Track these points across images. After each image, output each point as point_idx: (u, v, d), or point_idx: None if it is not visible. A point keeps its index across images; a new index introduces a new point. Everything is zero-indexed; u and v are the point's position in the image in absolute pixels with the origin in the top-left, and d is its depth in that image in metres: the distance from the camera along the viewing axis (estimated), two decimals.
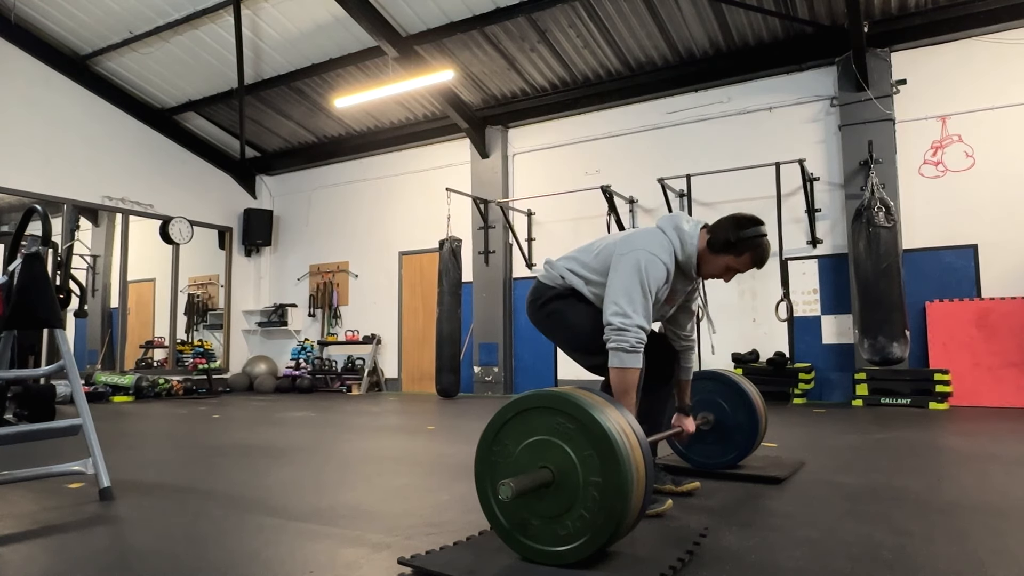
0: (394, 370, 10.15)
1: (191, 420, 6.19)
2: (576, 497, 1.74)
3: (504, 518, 1.84)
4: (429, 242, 9.58)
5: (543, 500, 1.78)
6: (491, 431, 1.90)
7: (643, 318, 2.28)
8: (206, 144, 11.03)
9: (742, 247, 2.37)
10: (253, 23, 8.54)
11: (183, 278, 10.94)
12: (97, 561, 1.96)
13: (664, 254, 2.36)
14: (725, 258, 2.39)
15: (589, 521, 1.72)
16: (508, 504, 1.82)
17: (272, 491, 2.90)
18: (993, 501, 2.49)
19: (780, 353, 7.04)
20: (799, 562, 1.82)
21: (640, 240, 2.39)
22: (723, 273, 2.44)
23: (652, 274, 2.31)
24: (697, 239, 2.41)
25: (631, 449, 1.74)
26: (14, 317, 2.71)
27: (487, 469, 1.89)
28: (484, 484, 1.89)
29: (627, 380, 2.27)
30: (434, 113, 9.58)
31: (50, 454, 3.70)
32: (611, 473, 1.70)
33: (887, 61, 6.98)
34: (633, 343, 2.25)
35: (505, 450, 1.87)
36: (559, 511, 1.76)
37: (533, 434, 1.83)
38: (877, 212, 6.34)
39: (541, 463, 1.79)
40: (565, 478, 1.76)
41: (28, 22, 8.81)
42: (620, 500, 1.69)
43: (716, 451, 3.05)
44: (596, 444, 1.72)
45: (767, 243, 2.41)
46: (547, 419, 1.81)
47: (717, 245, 2.39)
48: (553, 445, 1.79)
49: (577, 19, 7.51)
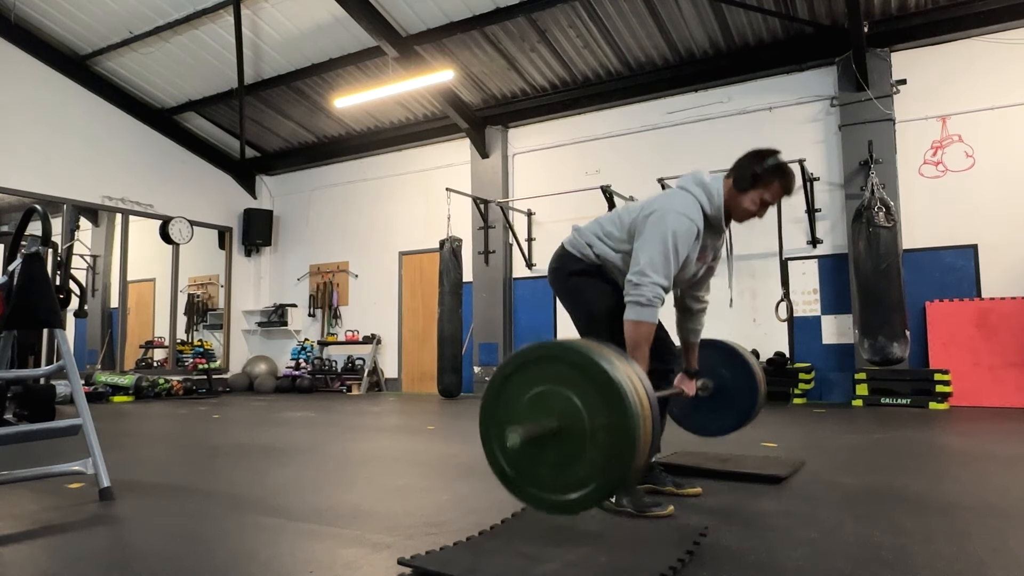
0: (394, 370, 10.15)
1: (191, 420, 6.19)
2: (584, 444, 1.73)
3: (513, 471, 1.84)
4: (429, 242, 9.58)
5: (551, 450, 1.78)
6: (494, 386, 1.89)
7: (662, 276, 2.29)
8: (206, 144, 11.03)
9: (769, 176, 2.37)
10: (253, 23, 8.54)
11: (183, 278, 10.95)
12: (97, 561, 1.96)
13: (691, 211, 2.37)
14: (754, 193, 2.39)
15: (599, 466, 1.71)
16: (517, 457, 1.81)
17: (272, 491, 2.90)
18: (993, 501, 2.49)
19: (780, 353, 7.04)
20: (799, 562, 1.82)
21: (665, 202, 2.40)
22: (757, 209, 2.42)
23: (680, 233, 2.32)
24: (722, 187, 2.42)
25: (637, 393, 1.72)
26: (14, 317, 2.71)
27: (492, 425, 1.88)
28: (490, 441, 1.88)
29: (640, 333, 2.29)
30: (434, 113, 9.58)
31: (50, 454, 3.70)
32: (618, 416, 1.68)
33: (887, 61, 6.98)
34: (649, 297, 2.27)
35: (510, 404, 1.86)
36: (568, 459, 1.76)
37: (537, 385, 1.82)
38: (877, 212, 6.34)
39: (547, 413, 1.78)
40: (572, 426, 1.75)
41: (28, 22, 8.81)
42: (628, 443, 1.67)
43: (716, 418, 3.04)
44: (601, 389, 1.71)
45: (791, 169, 2.41)
46: (550, 369, 1.81)
47: (744, 182, 2.38)
48: (558, 394, 1.78)
49: (577, 19, 7.51)
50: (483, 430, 1.90)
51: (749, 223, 2.52)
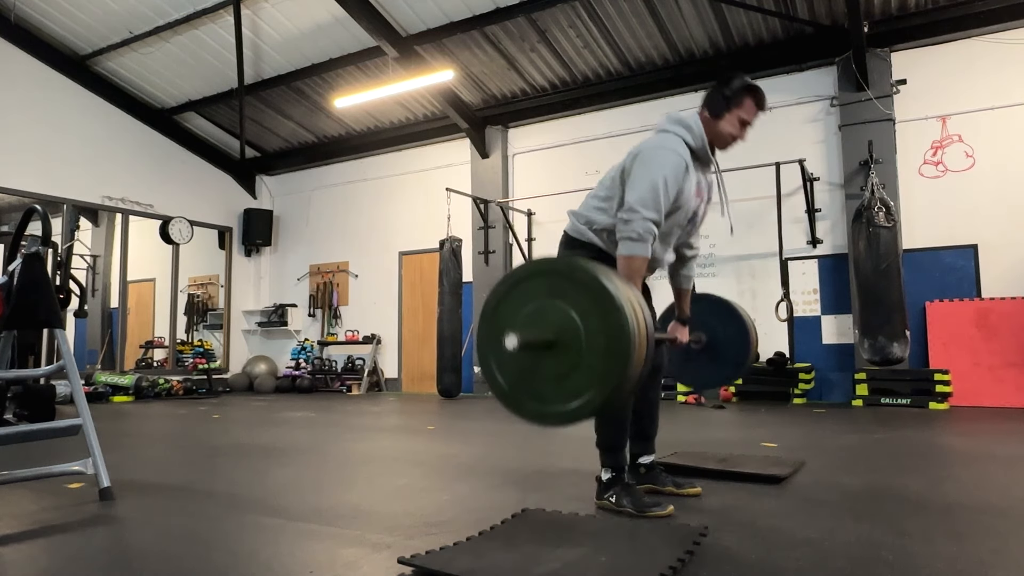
0: (394, 370, 10.15)
1: (191, 420, 6.19)
2: (580, 352, 1.77)
3: (512, 388, 1.87)
4: (429, 242, 9.58)
5: (549, 363, 1.82)
6: (490, 307, 1.93)
7: (652, 211, 2.30)
8: (206, 144, 11.03)
9: (739, 96, 2.43)
10: (253, 23, 8.54)
11: (183, 278, 10.94)
12: (97, 561, 1.96)
13: (676, 146, 2.39)
14: (730, 116, 2.45)
15: (597, 372, 1.75)
16: (514, 372, 1.86)
17: (272, 491, 2.90)
18: (993, 501, 2.49)
19: (780, 353, 7.04)
20: (799, 562, 1.82)
21: (648, 143, 2.44)
22: (738, 131, 2.46)
23: (669, 168, 2.34)
24: (700, 120, 2.47)
25: (627, 296, 1.77)
26: (14, 317, 2.71)
27: (490, 345, 1.90)
28: (487, 362, 1.91)
29: (632, 267, 2.31)
30: (434, 113, 9.58)
31: (50, 454, 3.69)
32: (611, 316, 1.73)
33: (887, 61, 6.98)
34: (640, 231, 2.28)
35: (505, 322, 1.89)
36: (566, 370, 1.80)
37: (532, 301, 1.86)
38: (877, 212, 6.34)
39: (543, 327, 1.82)
40: (568, 336, 1.79)
41: (28, 22, 8.81)
42: (624, 340, 1.71)
43: (711, 369, 3.05)
44: (594, 293, 1.76)
45: (758, 85, 2.46)
46: (543, 284, 1.85)
47: (718, 107, 2.45)
48: (553, 307, 1.82)
49: (577, 19, 7.51)
50: (480, 352, 1.94)
51: (747, 222, 2.54)
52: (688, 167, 2.39)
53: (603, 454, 2.45)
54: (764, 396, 7.04)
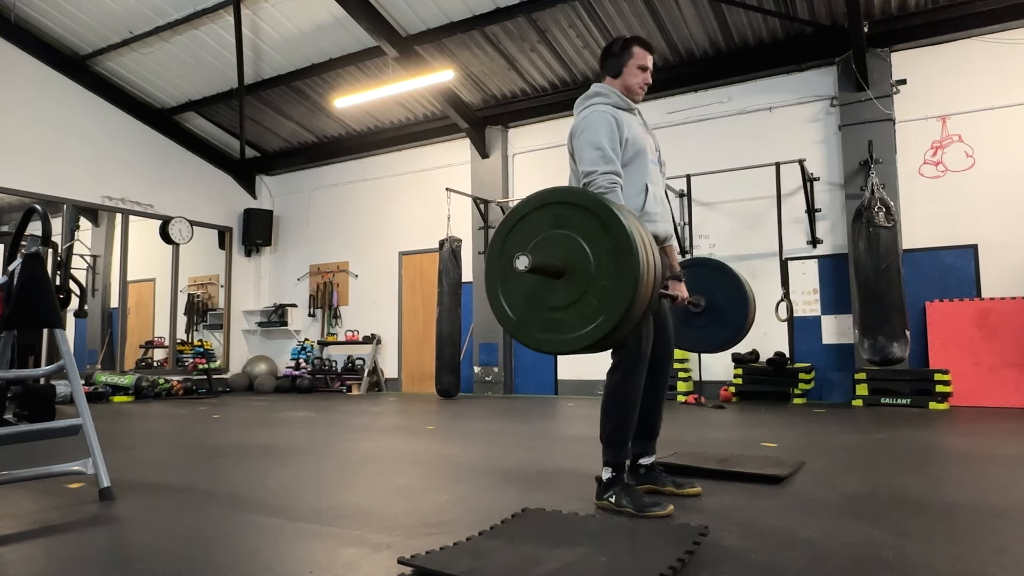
0: (394, 370, 10.15)
1: (191, 420, 6.19)
2: (591, 275, 1.81)
3: (524, 322, 1.91)
4: (429, 242, 9.58)
5: (558, 293, 1.86)
6: (497, 241, 1.97)
7: (605, 164, 2.44)
8: (206, 144, 11.03)
9: (626, 49, 2.67)
10: (253, 23, 8.54)
11: (183, 278, 10.94)
12: (97, 561, 1.96)
13: (596, 107, 2.58)
14: (627, 69, 2.65)
15: (608, 291, 1.78)
16: (524, 307, 1.90)
17: (272, 491, 2.90)
18: (993, 501, 2.49)
19: (780, 353, 7.04)
20: (799, 562, 1.82)
21: (575, 122, 2.63)
22: (640, 78, 2.66)
23: (603, 124, 2.50)
24: (610, 87, 2.66)
25: (630, 219, 1.83)
26: (14, 317, 2.71)
27: (498, 279, 1.92)
28: (496, 295, 1.93)
29: None
30: (434, 113, 9.58)
31: (50, 454, 3.69)
32: (619, 235, 1.77)
33: (887, 61, 6.98)
34: (605, 184, 2.40)
35: (514, 255, 1.92)
36: (575, 297, 1.83)
37: (538, 233, 1.90)
38: (877, 212, 6.34)
39: (551, 258, 1.86)
40: (577, 263, 1.83)
41: (28, 22, 8.81)
42: (632, 257, 1.75)
43: (712, 332, 3.08)
44: (600, 215, 1.81)
45: (635, 34, 2.67)
46: (548, 215, 1.90)
47: (615, 67, 2.67)
48: (560, 238, 1.87)
49: (577, 19, 7.51)
50: (489, 286, 1.97)
51: (747, 222, 2.58)
52: (617, 116, 2.56)
53: (606, 449, 2.45)
54: (764, 396, 7.04)
